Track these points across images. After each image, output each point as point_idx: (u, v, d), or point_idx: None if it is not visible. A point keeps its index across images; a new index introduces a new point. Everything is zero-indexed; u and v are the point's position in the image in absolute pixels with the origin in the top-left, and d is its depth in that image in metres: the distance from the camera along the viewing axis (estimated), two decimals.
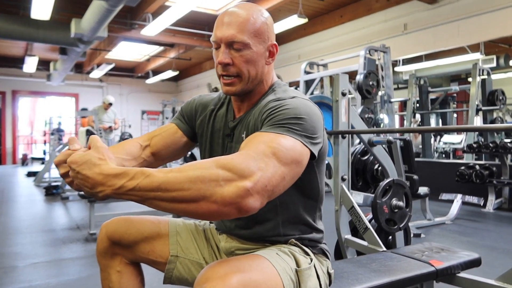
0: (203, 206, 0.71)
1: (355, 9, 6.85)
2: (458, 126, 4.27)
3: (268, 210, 1.04)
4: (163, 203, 0.72)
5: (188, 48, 9.01)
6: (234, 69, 1.02)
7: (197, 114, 1.22)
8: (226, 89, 1.06)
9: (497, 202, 4.62)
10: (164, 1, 6.13)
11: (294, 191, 1.03)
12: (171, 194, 0.71)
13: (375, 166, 2.52)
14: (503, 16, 5.05)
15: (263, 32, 1.04)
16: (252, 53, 1.02)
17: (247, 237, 1.10)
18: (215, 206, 0.72)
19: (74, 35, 5.92)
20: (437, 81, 10.28)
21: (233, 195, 0.71)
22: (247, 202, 0.73)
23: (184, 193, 0.71)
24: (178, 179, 0.72)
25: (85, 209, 4.69)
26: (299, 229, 1.08)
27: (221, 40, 1.01)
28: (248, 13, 1.02)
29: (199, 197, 0.71)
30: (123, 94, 12.91)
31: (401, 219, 2.10)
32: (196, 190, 0.71)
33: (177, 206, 0.72)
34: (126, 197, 0.74)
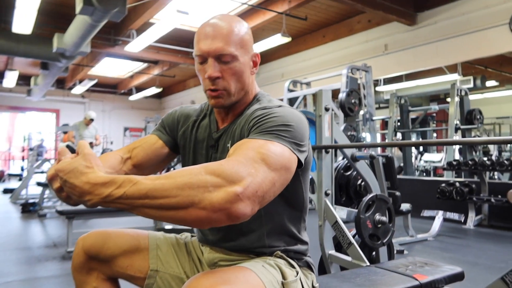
0: (191, 213, 0.69)
1: (337, 30, 7.01)
2: (439, 140, 4.34)
3: (252, 221, 1.02)
4: (151, 211, 0.70)
5: (172, 65, 9.02)
6: (223, 83, 1.01)
7: (179, 125, 1.20)
8: (214, 101, 1.04)
9: (477, 219, 4.68)
10: (148, 18, 6.15)
11: (279, 201, 1.01)
12: (159, 201, 0.69)
13: (358, 181, 2.53)
14: (478, 38, 5.24)
15: (246, 42, 1.03)
16: (240, 64, 1.01)
17: (232, 248, 1.08)
18: (204, 213, 0.69)
19: (56, 49, 5.86)
20: (417, 100, 10.53)
21: (222, 201, 0.69)
22: (237, 207, 0.70)
23: (172, 200, 0.69)
24: (166, 186, 0.70)
25: (63, 227, 4.56)
26: (284, 240, 1.06)
27: (208, 53, 0.98)
28: (231, 24, 1.00)
29: (187, 204, 0.69)
30: (105, 111, 12.78)
31: (384, 235, 2.10)
32: (184, 197, 0.69)
33: (165, 214, 0.70)
34: (114, 205, 0.71)
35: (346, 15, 6.68)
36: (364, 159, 2.16)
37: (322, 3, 6.05)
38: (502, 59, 7.82)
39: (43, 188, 5.81)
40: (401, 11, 5.67)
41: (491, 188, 4.67)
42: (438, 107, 7.92)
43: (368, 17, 6.45)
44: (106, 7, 4.24)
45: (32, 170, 6.64)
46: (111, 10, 4.32)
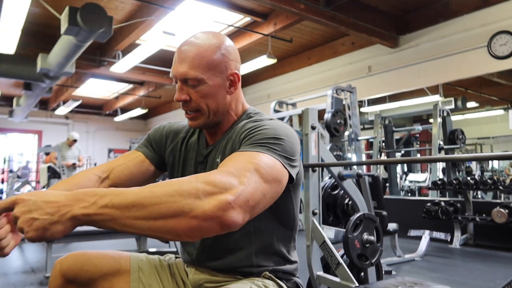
0: (182, 222, 0.65)
1: (322, 52, 7.13)
2: (426, 157, 4.37)
3: (241, 238, 0.99)
4: (138, 222, 0.65)
5: (158, 86, 9.01)
6: (193, 105, 1.01)
7: (167, 142, 1.17)
8: (190, 123, 1.05)
9: (463, 238, 4.69)
10: (134, 39, 6.16)
11: (269, 218, 0.99)
12: (147, 210, 0.65)
13: (346, 200, 2.52)
14: (458, 60, 5.38)
15: (218, 63, 0.99)
16: (208, 87, 0.99)
17: (218, 268, 1.03)
18: (195, 222, 0.65)
19: (40, 70, 5.80)
20: (401, 121, 10.71)
21: (214, 208, 0.66)
22: (229, 215, 0.67)
23: (161, 207, 0.65)
24: (155, 193, 0.66)
25: (41, 251, 4.39)
26: (273, 260, 1.02)
27: (175, 77, 1.00)
28: (202, 46, 0.98)
29: (177, 212, 0.65)
30: (89, 132, 12.62)
31: (372, 254, 2.07)
32: (174, 203, 0.65)
33: (154, 224, 0.65)
34: (96, 218, 0.65)
35: (330, 38, 6.81)
36: (351, 177, 2.15)
37: (306, 25, 6.16)
38: (481, 81, 8.04)
39: None
40: (383, 33, 5.81)
41: (476, 207, 4.71)
42: (421, 127, 8.05)
43: (351, 39, 6.59)
44: (92, 28, 4.23)
45: (11, 193, 6.46)
46: (96, 31, 4.31)
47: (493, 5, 4.97)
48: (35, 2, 4.64)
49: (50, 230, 0.65)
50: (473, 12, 5.17)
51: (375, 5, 5.60)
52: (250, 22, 6.01)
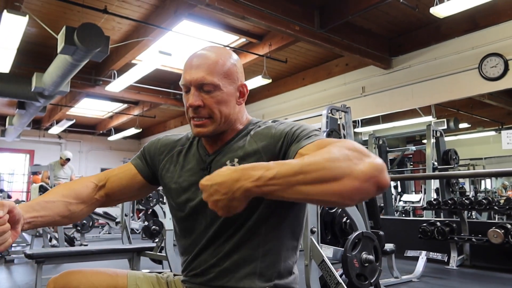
0: (346, 183, 0.71)
1: (316, 73, 7.22)
2: (425, 174, 4.35)
3: (250, 239, 0.97)
4: (306, 187, 0.72)
5: (152, 105, 9.02)
6: (206, 111, 1.01)
7: (162, 155, 1.16)
8: (197, 130, 1.03)
9: (459, 259, 4.66)
10: (130, 59, 6.19)
11: (281, 224, 0.99)
12: (314, 175, 0.72)
13: (343, 219, 2.49)
14: (450, 81, 5.47)
15: (232, 73, 1.03)
16: (222, 94, 1.01)
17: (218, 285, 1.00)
18: (357, 183, 0.71)
19: (35, 89, 5.79)
20: (394, 142, 10.78)
21: (371, 169, 0.73)
22: (383, 175, 0.74)
23: (326, 172, 0.72)
24: (316, 161, 0.74)
25: (31, 273, 4.28)
26: (277, 270, 0.99)
27: (190, 83, 1.00)
28: (217, 55, 1.02)
29: (341, 175, 0.72)
30: (82, 151, 12.51)
31: (371, 274, 2.04)
32: (337, 168, 0.72)
33: (320, 188, 0.72)
34: (266, 189, 0.74)
35: (324, 59, 6.91)
36: None
37: (301, 47, 6.25)
38: (472, 102, 8.16)
39: None
40: (377, 55, 5.91)
41: (471, 228, 4.69)
42: (415, 147, 8.11)
43: (345, 60, 6.68)
44: (88, 47, 4.25)
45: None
46: (93, 50, 4.33)
47: (483, 28, 5.09)
48: (31, 22, 4.67)
49: (231, 206, 0.76)
50: (464, 35, 5.29)
51: (368, 27, 5.71)
52: (245, 43, 6.09)
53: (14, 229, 0.89)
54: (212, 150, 1.08)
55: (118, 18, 5.09)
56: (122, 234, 4.30)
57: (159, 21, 4.98)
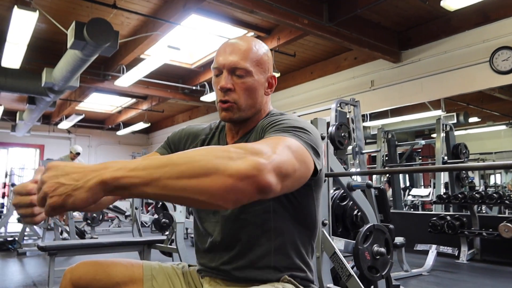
0: (217, 181, 0.63)
1: (325, 67, 7.18)
2: (437, 166, 4.31)
3: (261, 235, 0.98)
4: (171, 182, 0.63)
5: (161, 100, 9.05)
6: (234, 95, 1.02)
7: (187, 143, 1.17)
8: (224, 114, 1.04)
9: (469, 253, 4.64)
10: (139, 54, 6.21)
11: (290, 217, 0.99)
12: (181, 168, 0.63)
13: (354, 211, 2.49)
14: (460, 75, 5.40)
15: (264, 62, 1.05)
16: (253, 81, 1.03)
17: (234, 277, 1.00)
18: (230, 180, 0.63)
19: (45, 84, 5.83)
20: (403, 136, 10.70)
21: (249, 167, 0.65)
22: (264, 176, 0.65)
23: (194, 165, 0.64)
24: (187, 154, 0.67)
25: (43, 265, 4.35)
26: (291, 261, 1.00)
27: (223, 66, 1.02)
28: (250, 43, 1.05)
29: (211, 170, 0.63)
30: (91, 146, 12.61)
31: (383, 267, 2.04)
32: (208, 162, 0.64)
33: (188, 184, 0.63)
34: (125, 181, 0.63)
35: (333, 53, 6.87)
36: (360, 188, 2.13)
37: (309, 40, 6.21)
38: (483, 96, 8.06)
39: (24, 225, 5.59)
40: (386, 49, 5.85)
41: (482, 222, 4.67)
42: (424, 141, 8.05)
43: (354, 54, 6.64)
44: (98, 42, 4.27)
45: (13, 207, 6.41)
46: (102, 45, 4.35)
47: (494, 21, 5.02)
48: (41, 18, 4.70)
49: (73, 197, 0.63)
50: (475, 28, 5.22)
51: (377, 20, 5.66)
52: (254, 36, 6.07)
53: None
54: (231, 141, 1.10)
55: (127, 13, 5.10)
56: (132, 227, 4.34)
57: (167, 15, 4.98)
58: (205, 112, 10.35)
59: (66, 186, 0.63)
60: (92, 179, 0.63)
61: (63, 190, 0.63)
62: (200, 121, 10.62)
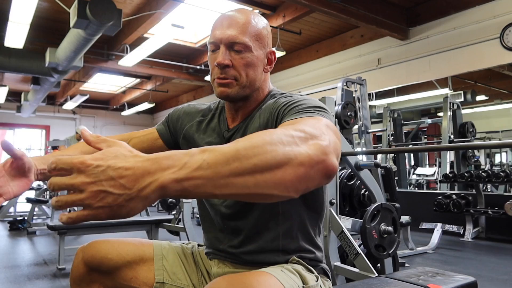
0: (290, 171, 0.57)
1: (330, 45, 7.07)
2: (448, 145, 4.29)
3: (269, 219, 0.97)
4: (242, 179, 0.55)
5: (165, 80, 9.00)
6: (233, 72, 0.96)
7: (184, 123, 1.14)
8: (220, 90, 0.98)
9: (474, 231, 4.66)
10: (142, 33, 6.13)
11: (298, 200, 0.96)
12: (252, 161, 0.55)
13: (362, 191, 2.49)
14: (469, 52, 5.30)
15: (263, 37, 1.00)
16: (252, 56, 0.97)
17: (243, 259, 1.00)
18: (302, 169, 0.58)
19: (49, 64, 5.80)
20: (409, 115, 10.62)
21: (317, 152, 0.61)
22: (331, 159, 0.62)
23: (267, 156, 0.56)
24: (254, 143, 0.57)
25: (53, 244, 4.42)
26: (299, 244, 1.00)
27: (221, 40, 0.95)
28: (249, 16, 0.98)
29: (283, 160, 0.57)
30: (97, 127, 12.65)
31: (390, 245, 2.04)
32: (278, 151, 0.57)
33: (261, 178, 0.56)
34: (189, 184, 0.53)
35: (339, 30, 6.75)
36: (368, 167, 2.12)
37: (315, 18, 6.10)
38: (491, 74, 7.94)
39: (32, 204, 5.66)
40: (393, 25, 5.74)
41: (488, 201, 4.67)
42: (430, 120, 7.98)
43: (361, 32, 6.52)
44: (101, 21, 4.22)
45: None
46: (106, 24, 4.30)
47: None
48: None
49: (127, 208, 0.52)
50: (485, 4, 5.09)
51: None
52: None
53: (26, 176, 0.90)
54: (233, 123, 1.06)
55: None
56: None
57: None
58: (209, 92, 10.29)
59: (115, 196, 0.50)
60: (148, 186, 0.52)
61: (111, 201, 0.51)
62: (204, 101, 10.55)
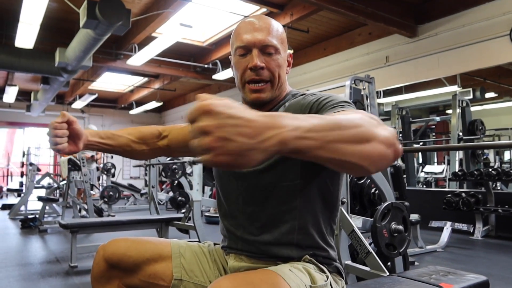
0: (376, 147, 0.65)
1: (338, 42, 7.06)
2: (457, 145, 4.30)
3: (287, 211, 0.99)
4: (343, 146, 0.61)
5: (173, 79, 9.04)
6: (267, 73, 1.00)
7: None
8: (255, 96, 1.01)
9: (484, 230, 4.64)
10: (151, 32, 6.17)
11: (316, 195, 1.00)
12: (350, 132, 0.63)
13: (372, 190, 2.50)
14: (478, 49, 5.27)
15: (285, 40, 1.05)
16: (281, 58, 1.02)
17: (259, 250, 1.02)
18: (383, 147, 0.66)
19: (58, 64, 5.86)
20: (417, 112, 10.56)
21: (391, 135, 0.69)
22: (398, 143, 0.70)
23: (361, 130, 0.64)
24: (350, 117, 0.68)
25: (64, 242, 4.48)
26: (314, 241, 1.01)
27: (253, 44, 0.99)
28: (271, 21, 1.04)
29: (371, 136, 0.65)
30: (105, 125, 12.73)
31: (400, 244, 2.05)
32: (368, 127, 0.66)
33: (356, 149, 0.63)
34: (303, 143, 0.58)
35: (347, 28, 6.73)
36: None
37: (323, 16, 6.09)
38: (500, 71, 7.87)
39: (43, 203, 5.74)
40: (401, 23, 5.71)
41: (498, 199, 4.64)
42: (439, 118, 7.94)
43: (368, 29, 6.50)
44: (110, 21, 4.26)
45: (32, 185, 6.57)
46: (115, 24, 4.34)
47: None
48: None
49: (246, 158, 0.54)
50: (494, 0, 5.05)
51: None
52: (266, 13, 5.96)
53: (75, 143, 1.08)
54: None
55: None
56: (149, 205, 4.42)
57: None
58: (217, 90, 10.32)
59: (237, 144, 0.53)
60: (270, 139, 0.55)
61: (233, 148, 0.53)
62: None
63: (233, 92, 9.70)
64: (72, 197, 5.44)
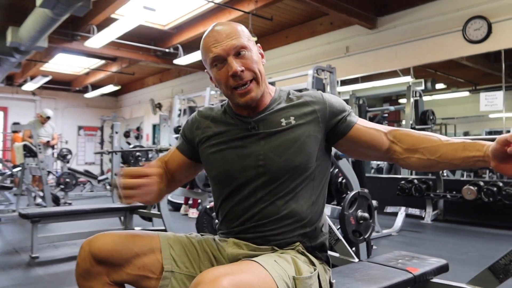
0: None
1: (300, 31, 7.14)
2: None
3: (287, 201, 1.07)
4: None
5: (132, 62, 8.77)
6: (249, 73, 1.05)
7: (199, 130, 1.19)
8: (245, 98, 1.06)
9: (434, 214, 4.97)
10: (110, 13, 5.93)
11: (314, 187, 1.11)
12: None
13: (339, 179, 2.62)
14: (434, 43, 5.56)
15: (249, 35, 1.11)
16: (254, 53, 1.07)
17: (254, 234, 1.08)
18: None
19: (10, 44, 5.52)
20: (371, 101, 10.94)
21: None
22: None
23: None
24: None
25: (21, 231, 4.31)
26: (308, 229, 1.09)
27: (226, 52, 1.03)
28: (233, 23, 1.09)
29: None
30: (58, 109, 12.13)
31: (366, 230, 2.19)
32: None
33: None
34: None
35: (309, 17, 6.82)
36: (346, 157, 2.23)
37: (287, 4, 6.14)
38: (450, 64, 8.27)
39: None
40: (362, 14, 5.88)
41: (446, 185, 4.98)
42: (393, 108, 8.29)
43: (330, 19, 6.63)
44: (70, 1, 4.06)
45: None
46: (75, 4, 4.15)
47: None
48: None
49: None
50: None
51: None
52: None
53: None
54: (253, 113, 1.12)
55: None
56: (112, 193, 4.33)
57: None
58: (176, 75, 10.13)
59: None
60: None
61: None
62: (171, 84, 10.39)
63: (193, 77, 9.57)
64: (26, 184, 5.21)
